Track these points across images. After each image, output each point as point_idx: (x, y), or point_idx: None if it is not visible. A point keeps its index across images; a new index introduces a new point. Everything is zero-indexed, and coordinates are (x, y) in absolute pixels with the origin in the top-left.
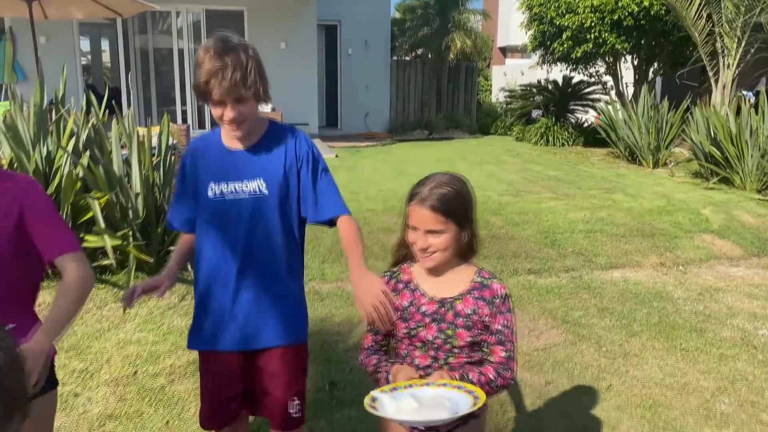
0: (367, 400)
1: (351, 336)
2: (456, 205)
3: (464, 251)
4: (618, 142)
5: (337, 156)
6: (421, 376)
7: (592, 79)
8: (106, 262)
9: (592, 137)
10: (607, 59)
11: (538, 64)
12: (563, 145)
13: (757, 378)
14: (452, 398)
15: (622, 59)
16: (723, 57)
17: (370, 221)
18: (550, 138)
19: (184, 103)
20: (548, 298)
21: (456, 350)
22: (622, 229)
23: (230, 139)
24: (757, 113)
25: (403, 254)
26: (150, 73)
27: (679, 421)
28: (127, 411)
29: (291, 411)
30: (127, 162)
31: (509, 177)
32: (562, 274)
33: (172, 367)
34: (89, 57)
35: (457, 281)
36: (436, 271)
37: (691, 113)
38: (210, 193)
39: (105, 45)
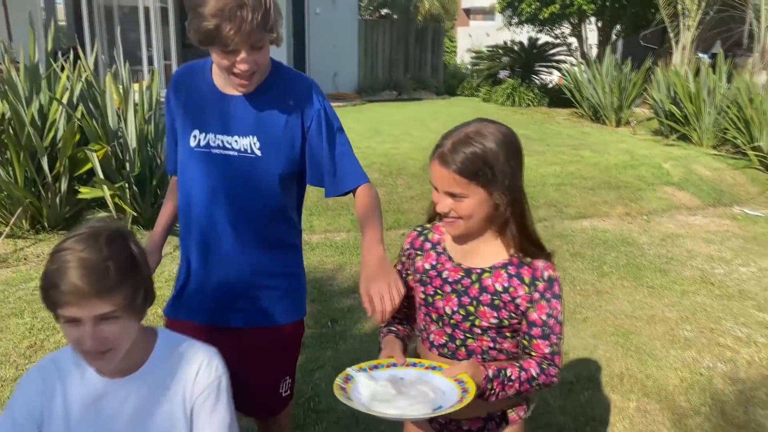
0: (338, 379)
1: (344, 280)
2: (481, 165)
3: (504, 222)
4: (582, 102)
5: None
6: (441, 354)
7: (558, 41)
8: (102, 214)
9: (556, 98)
10: (572, 20)
11: (505, 25)
12: (529, 105)
13: (715, 309)
14: (437, 387)
15: (587, 21)
16: (683, 18)
17: None
18: (517, 99)
19: (150, 62)
20: None
21: (477, 331)
22: (590, 183)
23: (225, 82)
24: (714, 73)
25: (434, 212)
26: (114, 31)
27: (647, 346)
28: None
29: (281, 391)
30: (119, 116)
31: None
32: (536, 224)
33: None
34: (44, 14)
35: (491, 252)
36: (465, 239)
37: (652, 74)
38: (192, 142)
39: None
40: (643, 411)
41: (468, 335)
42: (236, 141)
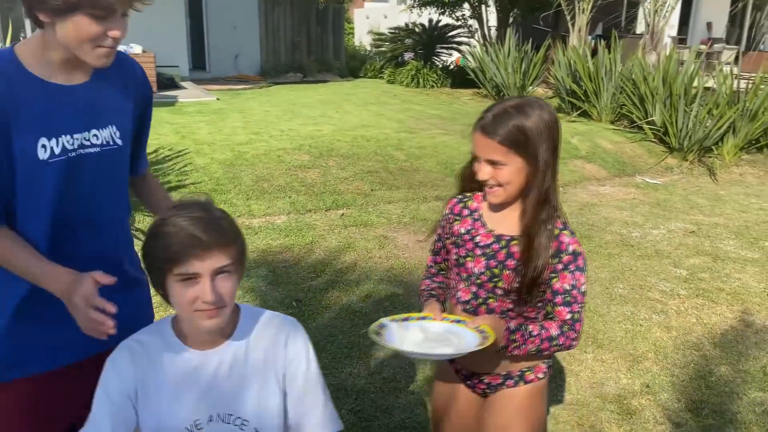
0: (373, 326)
1: (297, 260)
2: (519, 134)
3: (532, 192)
4: (486, 83)
5: (218, 99)
6: (464, 310)
7: (459, 23)
8: None
9: (458, 79)
10: (472, 2)
11: (408, 7)
12: (433, 86)
13: (639, 268)
14: (460, 334)
15: (486, 3)
16: (578, 2)
17: (284, 159)
18: (421, 80)
19: None
20: None
21: (499, 292)
22: None
23: (52, 70)
24: (610, 53)
25: (467, 184)
26: None
27: (590, 303)
28: None
29: None
30: None
31: (397, 116)
32: None
33: None
34: None
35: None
36: (501, 207)
37: (554, 55)
38: (42, 153)
39: None
40: (600, 360)
41: (490, 295)
42: (97, 135)
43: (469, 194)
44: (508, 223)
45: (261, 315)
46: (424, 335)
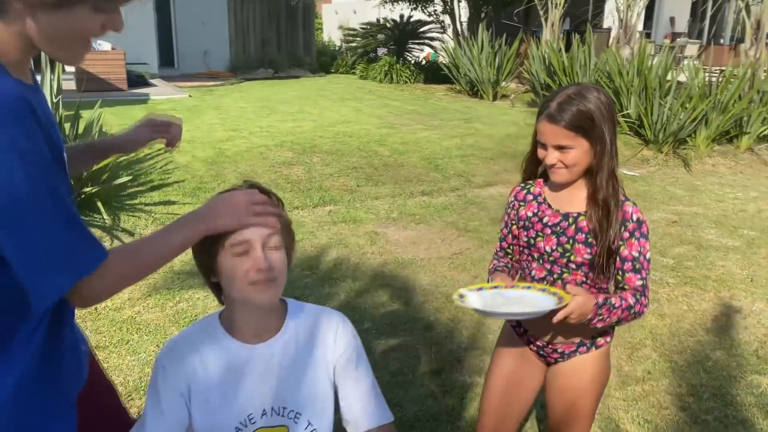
0: (455, 296)
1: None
2: (585, 118)
3: (597, 172)
4: (460, 78)
5: (190, 96)
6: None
7: (431, 18)
8: None
9: (431, 74)
10: None
11: (382, 3)
12: (406, 82)
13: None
14: (536, 298)
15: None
16: None
17: (267, 156)
18: (394, 76)
19: None
20: (445, 213)
21: (572, 266)
22: (489, 153)
23: (24, 72)
24: (583, 46)
25: (531, 172)
26: None
27: None
28: (112, 341)
29: None
30: None
31: (376, 112)
32: (450, 194)
33: (131, 301)
34: None
35: (585, 199)
36: (563, 187)
37: (528, 49)
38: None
39: None
40: None
41: (564, 270)
42: None
43: (530, 181)
44: (572, 201)
45: (308, 308)
46: (505, 299)
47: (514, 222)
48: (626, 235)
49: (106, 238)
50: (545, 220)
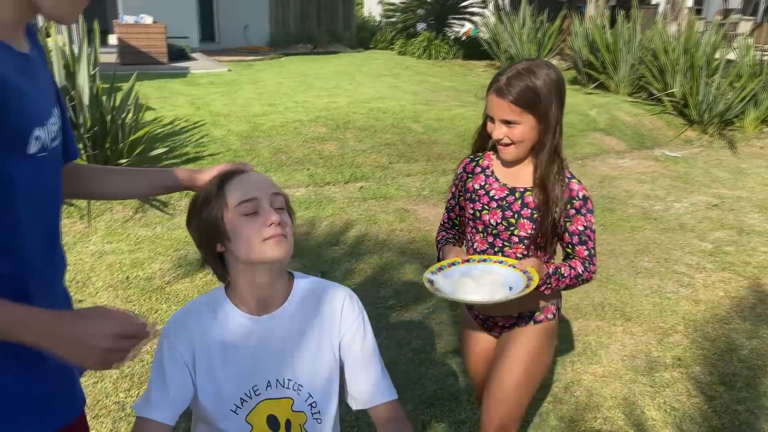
0: (426, 284)
1: (318, 234)
2: (532, 95)
3: (540, 148)
4: (500, 54)
5: (230, 70)
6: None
7: None
8: None
9: (470, 50)
10: None
11: None
12: (444, 58)
13: (663, 242)
14: (505, 277)
15: None
16: None
17: (301, 131)
18: (433, 52)
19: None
20: None
21: (515, 240)
22: None
23: (7, 32)
24: (629, 23)
25: (481, 145)
26: None
27: (616, 277)
28: (141, 310)
29: None
30: (69, 72)
31: (412, 88)
32: None
33: (161, 271)
34: None
35: (531, 174)
36: (512, 163)
37: (567, 26)
38: (34, 147)
39: None
40: (630, 333)
41: (506, 243)
42: (54, 123)
43: (480, 153)
44: (520, 176)
45: (315, 282)
46: (475, 282)
47: (461, 194)
48: (572, 212)
49: (143, 208)
50: (492, 193)
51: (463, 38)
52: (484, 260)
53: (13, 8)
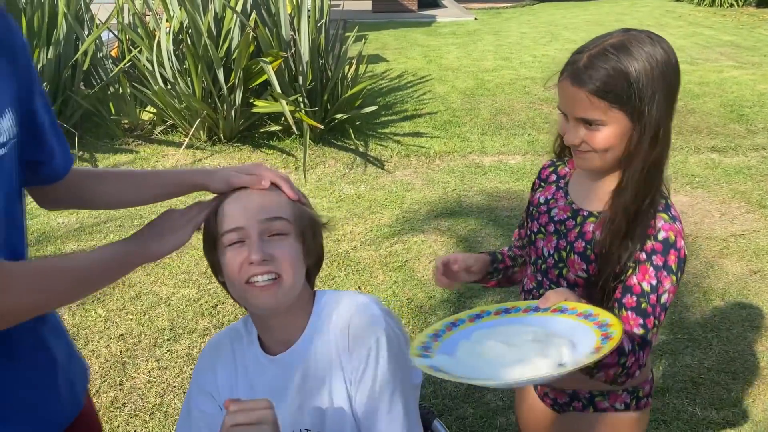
0: (416, 356)
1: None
2: (624, 83)
3: (632, 163)
4: None
5: (476, 19)
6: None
7: None
8: (274, 128)
9: None
10: None
11: None
12: (732, 5)
13: None
14: (570, 331)
15: None
16: None
17: (530, 90)
18: None
19: None
20: (737, 179)
21: (563, 283)
22: None
23: None
24: None
25: (564, 146)
26: None
27: None
28: (320, 274)
29: None
30: (292, 25)
31: (678, 42)
32: (751, 153)
33: (352, 234)
34: None
35: (611, 195)
36: (595, 175)
37: None
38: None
39: None
40: None
41: (553, 285)
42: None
43: (565, 158)
44: (593, 195)
45: (342, 307)
46: (506, 345)
47: (528, 206)
48: (642, 256)
49: (358, 163)
50: (553, 212)
51: None
52: (534, 307)
53: None
